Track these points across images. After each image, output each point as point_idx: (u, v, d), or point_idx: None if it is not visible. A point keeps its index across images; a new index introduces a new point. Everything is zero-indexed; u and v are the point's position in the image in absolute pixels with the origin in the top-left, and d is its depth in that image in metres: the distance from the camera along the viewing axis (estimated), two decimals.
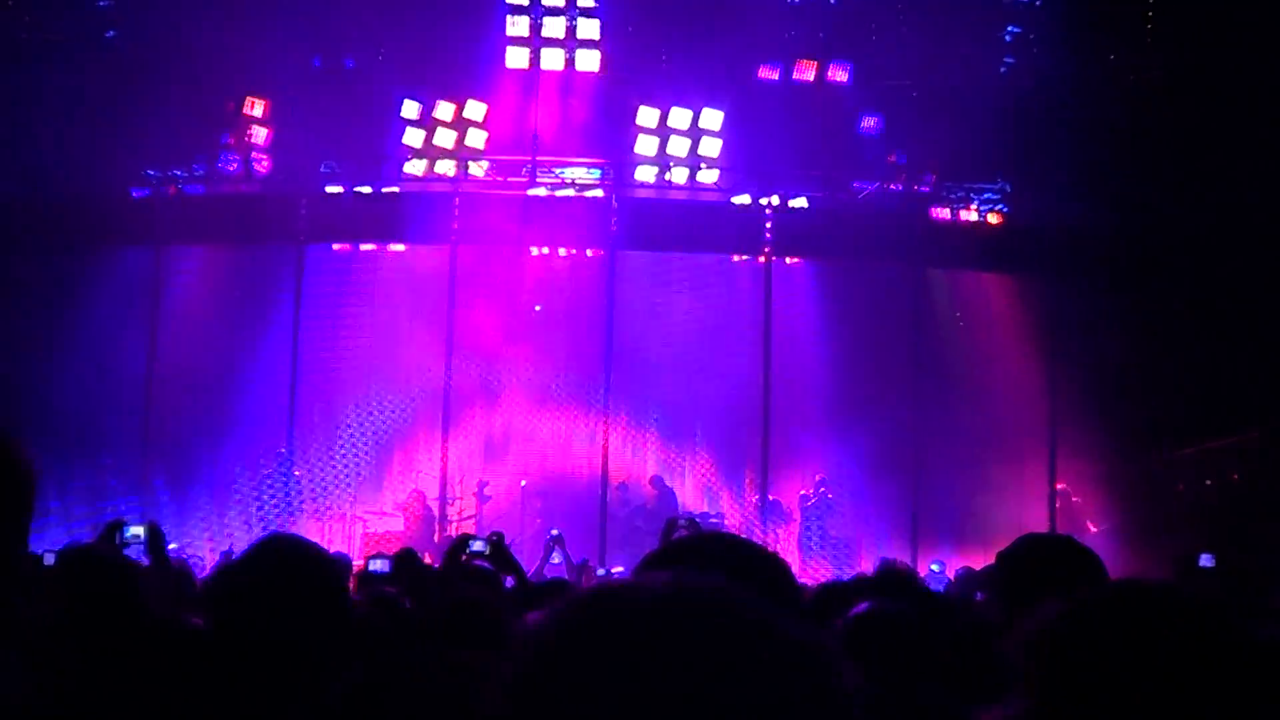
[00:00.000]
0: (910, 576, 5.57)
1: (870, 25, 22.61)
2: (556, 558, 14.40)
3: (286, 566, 3.39)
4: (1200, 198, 19.85)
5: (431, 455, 21.92)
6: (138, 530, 6.28)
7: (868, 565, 20.87)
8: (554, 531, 15.41)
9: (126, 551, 6.31)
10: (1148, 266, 20.55)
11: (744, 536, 2.86)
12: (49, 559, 8.84)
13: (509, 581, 7.23)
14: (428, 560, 13.06)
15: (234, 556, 3.92)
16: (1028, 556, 4.09)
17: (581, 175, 22.38)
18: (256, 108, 21.99)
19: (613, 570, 18.28)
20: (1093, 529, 20.90)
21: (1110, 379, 20.18)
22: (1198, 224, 20.10)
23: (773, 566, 2.70)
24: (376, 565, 7.83)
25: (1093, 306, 20.67)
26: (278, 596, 3.30)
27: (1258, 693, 1.69)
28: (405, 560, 7.25)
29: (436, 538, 20.51)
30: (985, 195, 22.40)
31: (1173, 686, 1.68)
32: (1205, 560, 8.81)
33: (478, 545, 6.92)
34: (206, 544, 20.17)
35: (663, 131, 22.14)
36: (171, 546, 12.46)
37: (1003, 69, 22.46)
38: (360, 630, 4.03)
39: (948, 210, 22.40)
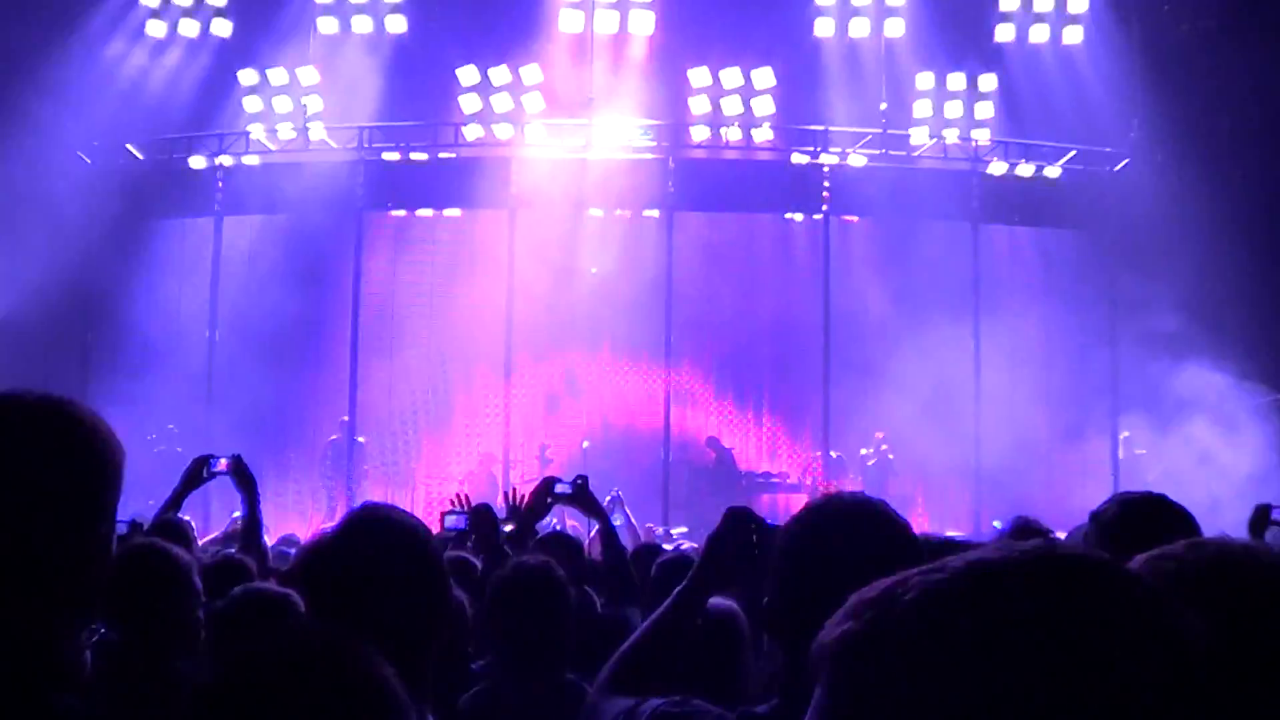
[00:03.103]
0: (1044, 533, 5.52)
1: None
2: (618, 519, 14.33)
3: (381, 536, 3.36)
4: (1262, 151, 19.65)
5: (493, 419, 22.01)
6: (223, 463, 6.37)
7: (928, 523, 20.90)
8: (615, 491, 15.40)
9: (213, 483, 6.42)
10: (1206, 219, 20.34)
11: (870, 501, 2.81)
12: (121, 529, 8.99)
13: (592, 528, 7.21)
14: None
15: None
16: (1121, 516, 4.07)
17: (637, 137, 22.32)
18: (312, 74, 21.99)
19: (673, 531, 18.30)
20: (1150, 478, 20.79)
21: (1169, 331, 20.03)
22: (1255, 178, 19.91)
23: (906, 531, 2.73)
24: (451, 521, 7.75)
25: (1152, 259, 20.50)
26: (374, 567, 3.27)
27: None
28: (482, 516, 7.10)
29: (499, 501, 20.56)
30: (1042, 151, 22.22)
31: (1260, 651, 1.63)
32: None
33: (562, 488, 6.90)
34: (273, 512, 20.30)
35: (715, 91, 22.03)
36: (234, 515, 12.55)
37: (1060, 21, 22.23)
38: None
39: (1005, 166, 22.22)
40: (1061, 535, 7.33)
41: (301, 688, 1.90)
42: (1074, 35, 21.92)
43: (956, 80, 22.09)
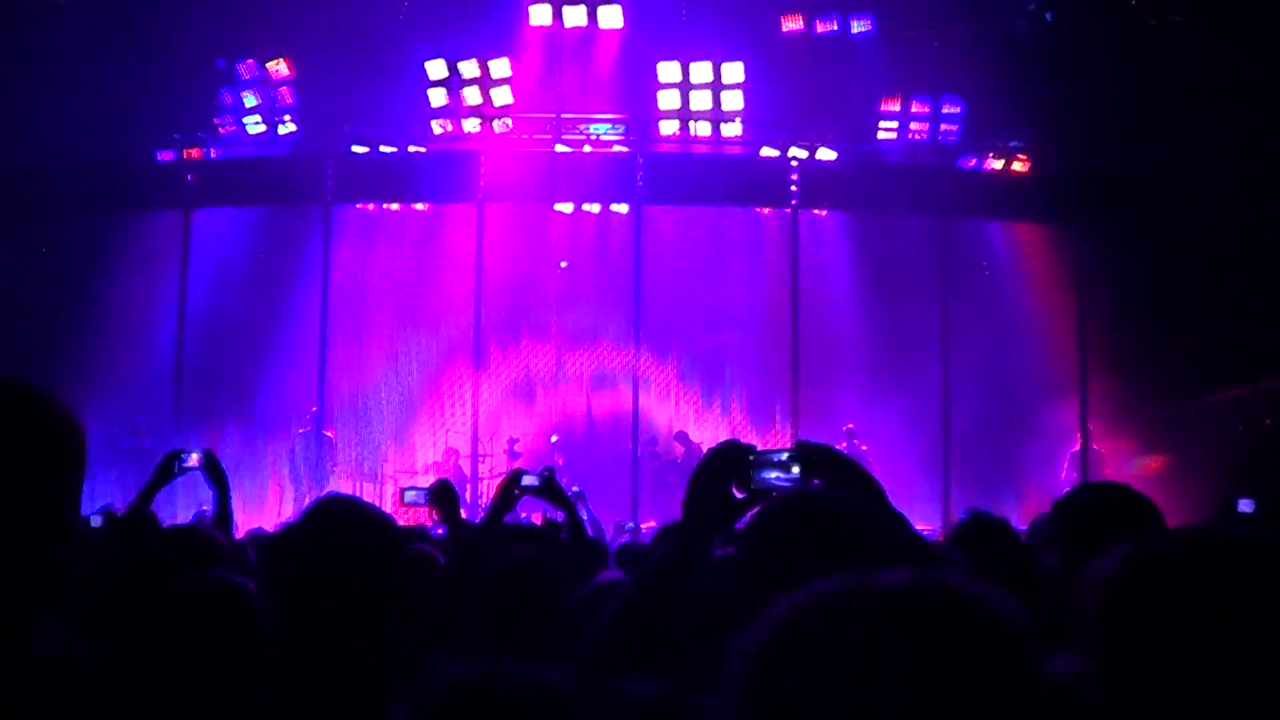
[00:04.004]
0: (1000, 525, 5.49)
1: None
2: (582, 514, 14.27)
3: (345, 528, 3.37)
4: (1226, 143, 19.71)
5: (462, 413, 22.01)
6: (195, 457, 6.31)
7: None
8: (575, 488, 15.37)
9: (185, 479, 6.38)
10: (1174, 213, 20.44)
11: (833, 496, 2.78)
12: (95, 521, 8.91)
13: (559, 517, 7.16)
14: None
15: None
16: (1086, 505, 4.10)
17: (606, 131, 22.31)
18: (281, 68, 21.92)
19: (643, 526, 18.31)
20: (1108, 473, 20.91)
21: (1139, 326, 20.15)
22: (1224, 169, 19.98)
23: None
24: (411, 497, 7.50)
25: (1120, 254, 20.59)
26: (338, 558, 3.27)
27: None
28: (441, 493, 6.84)
29: (468, 496, 20.57)
30: (1010, 144, 22.26)
31: (1245, 636, 1.63)
32: (1244, 505, 8.74)
33: (529, 480, 6.81)
34: (239, 505, 20.16)
35: (685, 86, 22.03)
36: (204, 508, 12.51)
37: (1023, 18, 22.28)
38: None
39: (973, 160, 22.26)
40: (1023, 526, 7.38)
41: None
42: (1042, 29, 21.99)
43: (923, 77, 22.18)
